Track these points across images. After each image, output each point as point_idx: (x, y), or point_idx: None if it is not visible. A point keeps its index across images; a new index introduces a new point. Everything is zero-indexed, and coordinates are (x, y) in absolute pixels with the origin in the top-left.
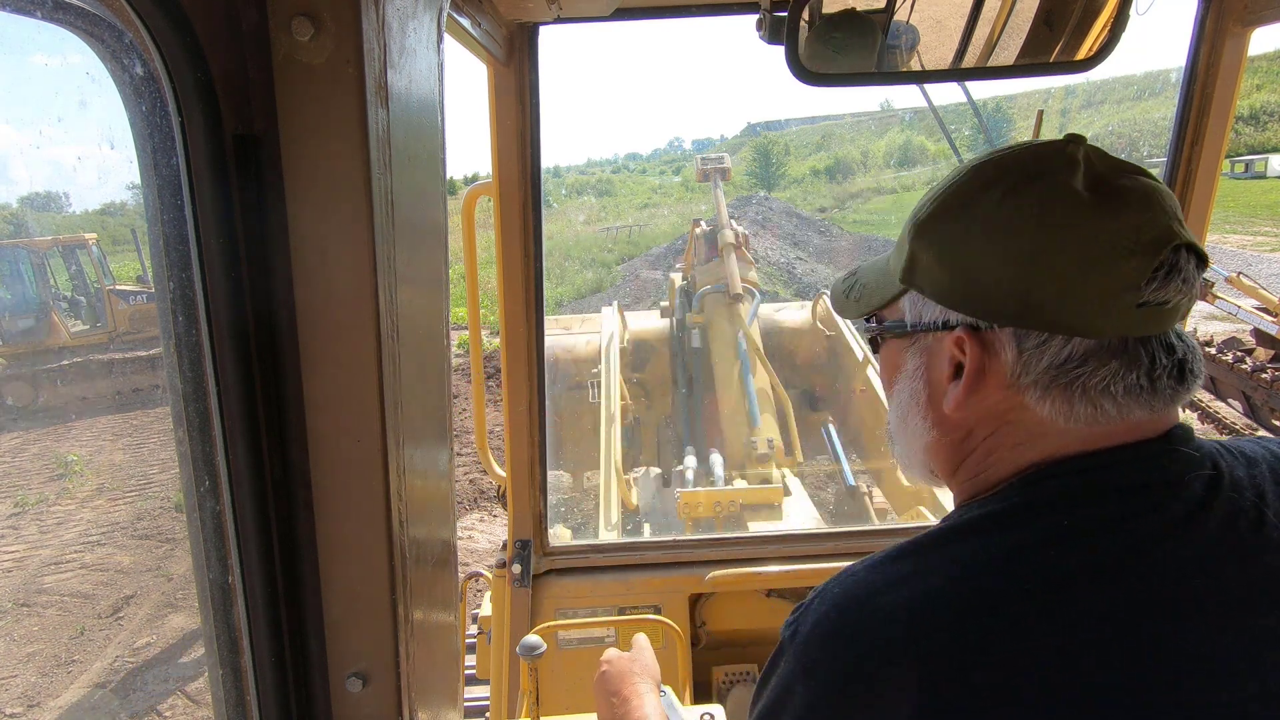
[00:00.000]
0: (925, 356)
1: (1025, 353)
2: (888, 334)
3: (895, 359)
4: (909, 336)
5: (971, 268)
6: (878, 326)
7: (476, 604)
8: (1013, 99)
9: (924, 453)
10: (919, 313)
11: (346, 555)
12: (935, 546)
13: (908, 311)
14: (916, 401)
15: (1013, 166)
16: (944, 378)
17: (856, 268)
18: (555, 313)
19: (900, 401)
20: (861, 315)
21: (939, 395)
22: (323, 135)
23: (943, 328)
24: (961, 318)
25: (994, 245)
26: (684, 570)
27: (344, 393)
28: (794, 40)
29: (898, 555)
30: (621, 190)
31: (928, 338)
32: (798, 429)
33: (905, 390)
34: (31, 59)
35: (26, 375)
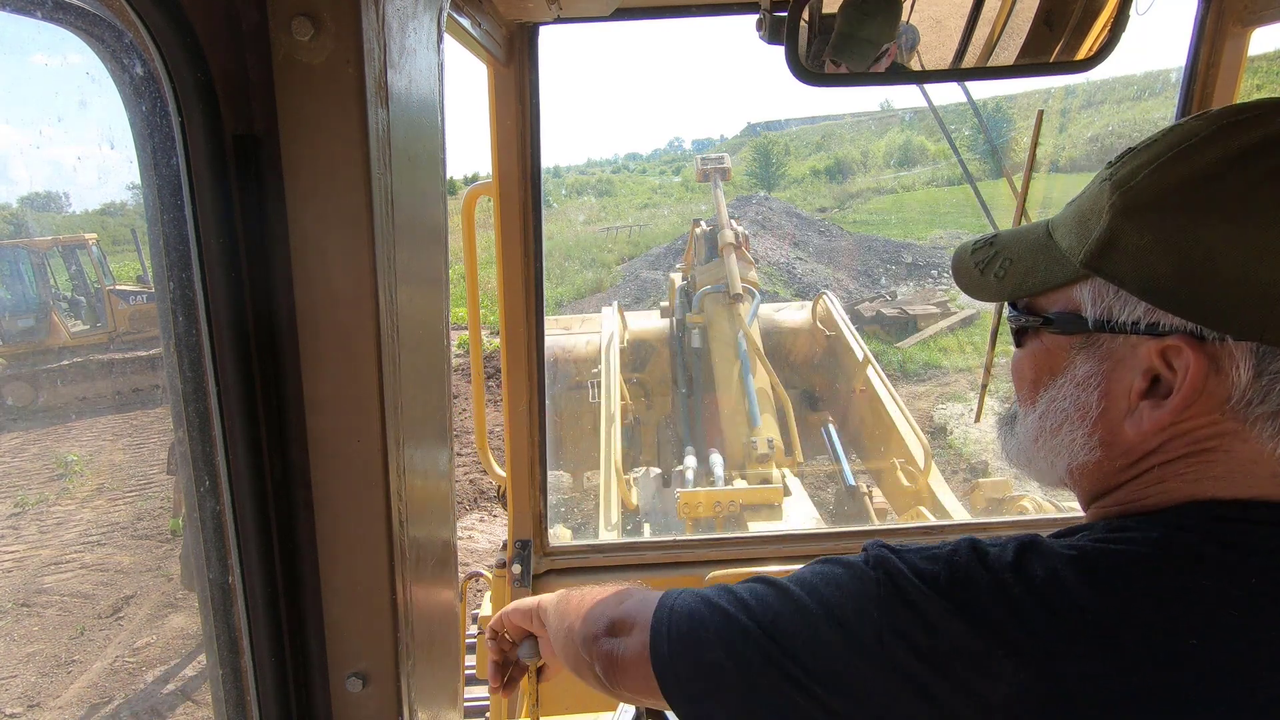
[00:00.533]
0: (1108, 363)
1: (1267, 376)
2: (1052, 329)
3: (1054, 359)
4: (1084, 335)
5: (1210, 261)
6: (1036, 319)
7: (476, 604)
8: (1013, 99)
9: (1069, 470)
10: (1108, 308)
11: (346, 555)
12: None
13: (1089, 304)
14: (1083, 415)
15: (1277, 136)
16: (1131, 392)
17: (993, 235)
18: (555, 313)
19: (1056, 410)
20: (1005, 299)
21: (1118, 412)
22: (323, 135)
23: (1146, 332)
24: (1179, 322)
25: (1251, 235)
26: (684, 570)
27: (344, 393)
28: (794, 40)
29: (1022, 547)
30: (621, 190)
31: (1116, 340)
32: (798, 429)
33: (1066, 399)
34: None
35: (26, 375)
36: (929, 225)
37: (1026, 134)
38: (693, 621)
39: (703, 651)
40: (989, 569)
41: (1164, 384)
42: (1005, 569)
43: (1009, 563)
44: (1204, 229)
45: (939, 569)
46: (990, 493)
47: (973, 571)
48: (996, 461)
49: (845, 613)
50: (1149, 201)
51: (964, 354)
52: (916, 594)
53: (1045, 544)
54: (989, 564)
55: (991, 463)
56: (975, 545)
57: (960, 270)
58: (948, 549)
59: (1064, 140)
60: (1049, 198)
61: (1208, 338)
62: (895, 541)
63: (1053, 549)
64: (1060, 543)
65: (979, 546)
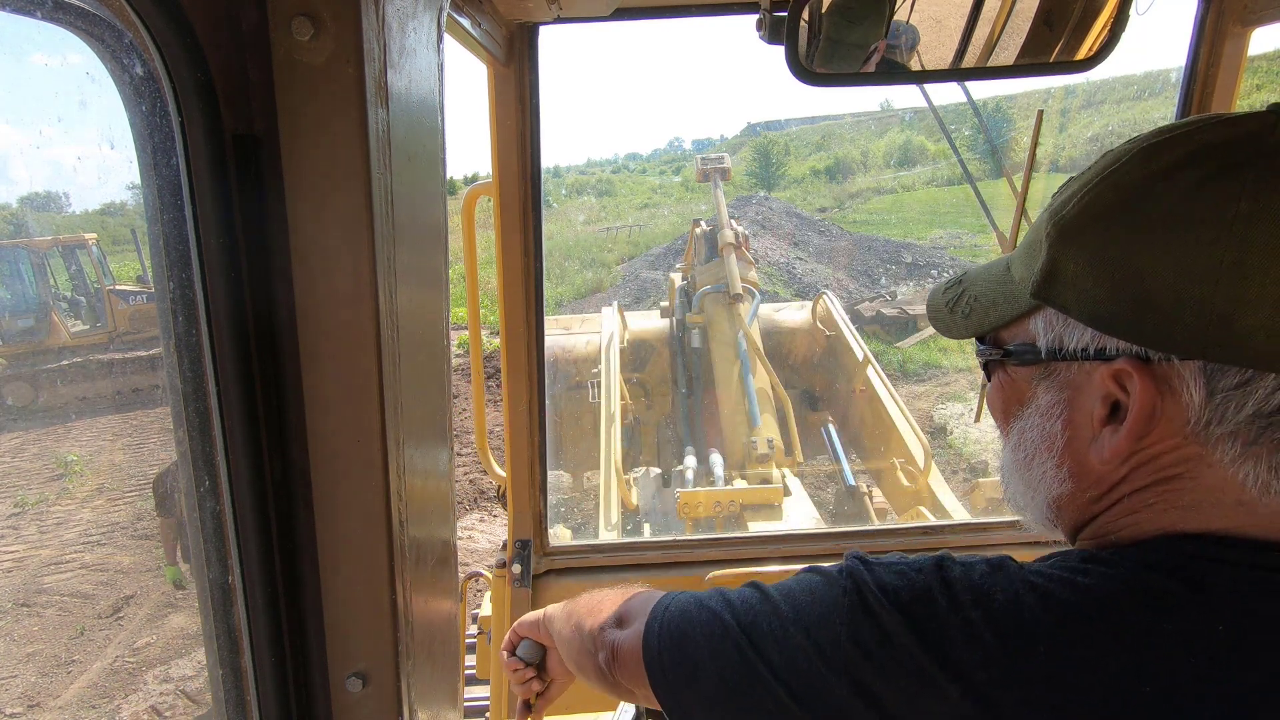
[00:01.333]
0: (1067, 392)
1: (1219, 395)
2: (1011, 361)
3: (1019, 390)
4: (1042, 365)
5: (1144, 281)
6: (997, 351)
7: (476, 604)
8: (1013, 99)
9: (1049, 504)
10: (1059, 337)
11: (346, 555)
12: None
13: (1041, 334)
14: (1050, 446)
15: (1204, 148)
16: (1093, 419)
17: (962, 274)
18: (555, 313)
19: (1026, 443)
20: (971, 335)
21: (1082, 440)
22: (323, 135)
23: (1096, 357)
24: (1125, 346)
25: (1180, 252)
26: (684, 570)
27: (344, 393)
28: (794, 40)
29: (996, 564)
30: (621, 190)
31: (1071, 368)
32: (798, 429)
33: (1034, 430)
34: (31, 59)
35: (26, 375)
36: (929, 225)
37: (1026, 134)
38: (684, 618)
39: (687, 646)
40: (949, 588)
41: (1123, 409)
42: (966, 589)
43: (972, 583)
44: (1132, 250)
45: (902, 584)
46: (990, 492)
47: (934, 589)
48: (996, 461)
49: (813, 618)
50: (1079, 226)
51: (964, 354)
52: (878, 606)
53: (1012, 567)
54: (951, 583)
55: (991, 462)
56: (941, 563)
57: (933, 312)
58: (916, 565)
59: (1064, 140)
60: (1049, 198)
61: (1153, 359)
62: (876, 554)
63: (1019, 574)
64: (1030, 567)
65: (945, 565)
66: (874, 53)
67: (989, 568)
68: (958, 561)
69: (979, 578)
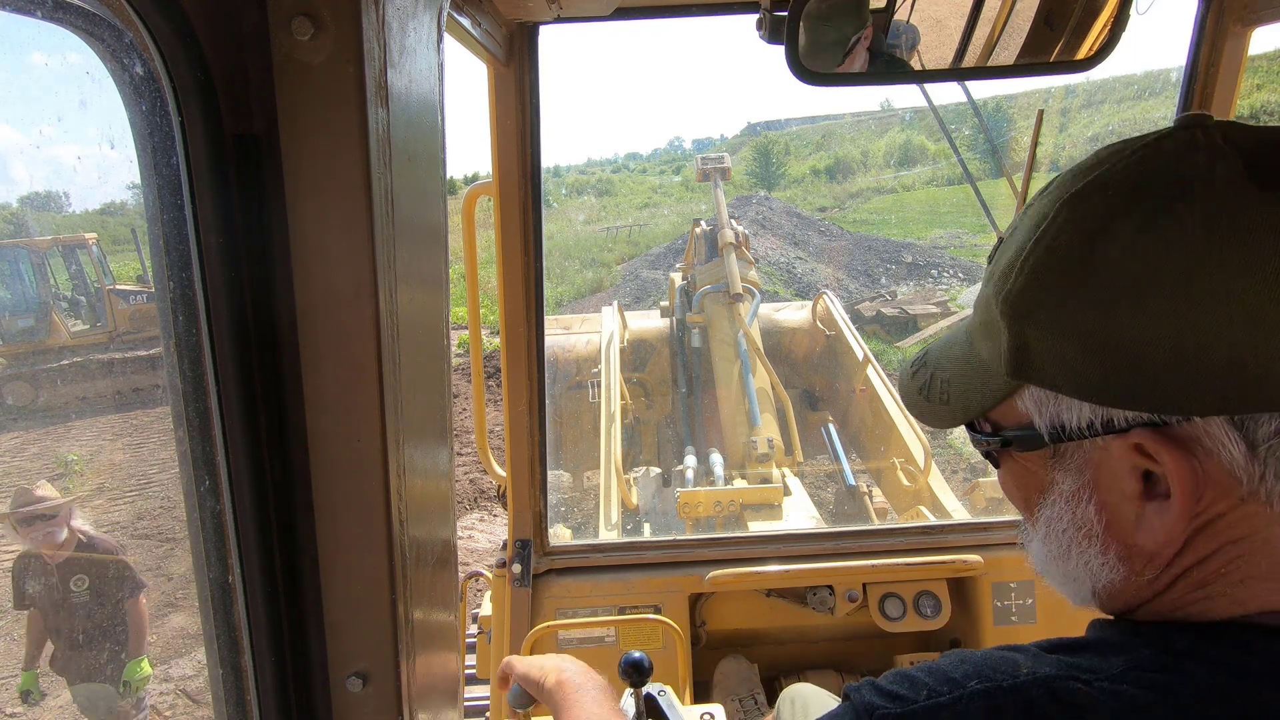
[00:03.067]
0: (1089, 472)
1: (1263, 446)
2: (1015, 449)
3: (1035, 477)
4: (1050, 448)
5: (1129, 347)
6: (994, 438)
7: (476, 604)
8: (1013, 99)
9: (1097, 593)
10: (1057, 415)
11: (346, 555)
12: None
13: (1034, 412)
14: (1088, 534)
15: (1126, 190)
16: (1128, 496)
17: (923, 354)
18: (555, 312)
19: (1057, 532)
20: (958, 424)
21: (1124, 521)
22: (323, 135)
23: (1105, 431)
24: (1134, 416)
25: (1155, 310)
26: (684, 570)
27: (344, 393)
28: (794, 40)
29: (1052, 694)
30: (621, 190)
31: (1083, 446)
32: (798, 429)
33: (1064, 518)
34: (31, 59)
35: (26, 375)
36: (929, 225)
37: (1026, 134)
38: None
39: None
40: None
41: (1158, 478)
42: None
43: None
44: (1100, 318)
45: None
46: (990, 492)
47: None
48: None
49: None
50: (1033, 302)
51: None
52: None
53: (1069, 690)
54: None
55: None
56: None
57: (908, 399)
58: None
59: (1064, 140)
60: None
61: (1170, 422)
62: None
63: (1082, 699)
64: (1092, 680)
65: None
66: (858, 44)
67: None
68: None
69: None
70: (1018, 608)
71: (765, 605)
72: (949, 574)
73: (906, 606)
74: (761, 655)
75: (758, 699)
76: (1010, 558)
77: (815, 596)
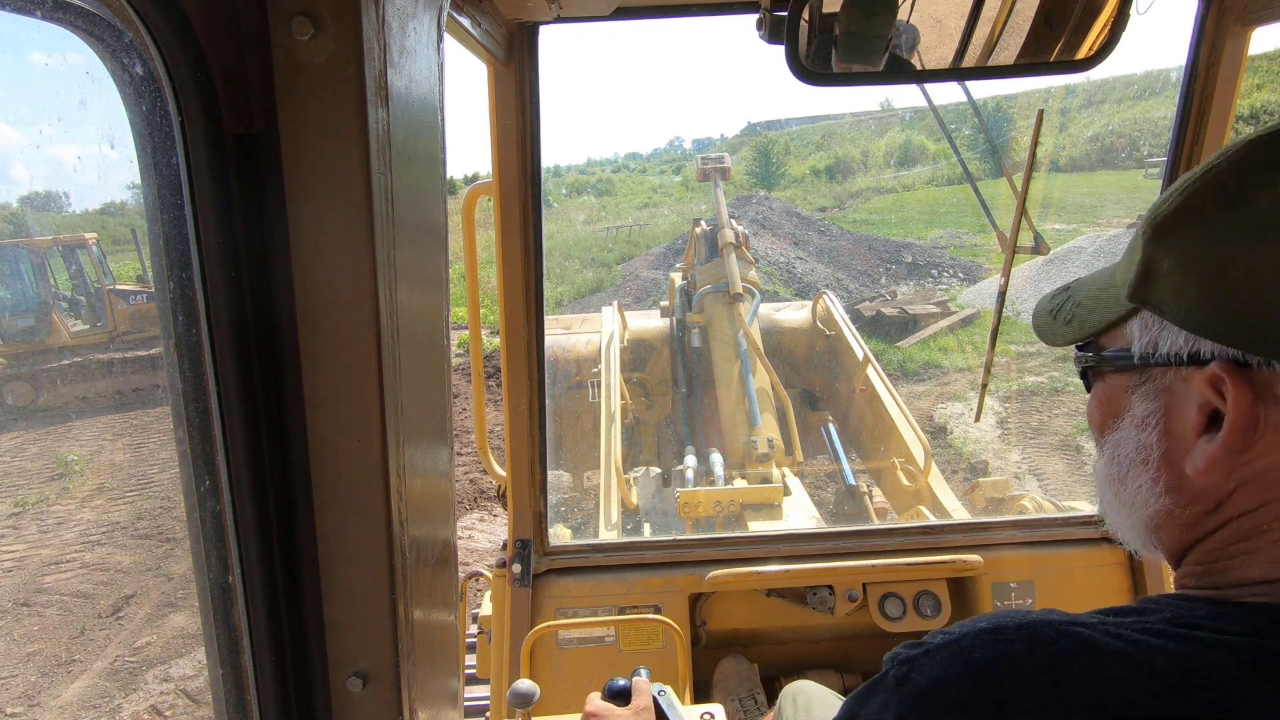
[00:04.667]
0: (1164, 399)
1: None
2: (1107, 367)
3: (1115, 400)
4: (1137, 372)
5: (1240, 281)
6: (1094, 356)
7: (476, 604)
8: (1013, 99)
9: (1146, 524)
10: (1154, 340)
11: (346, 555)
12: (1124, 659)
13: (1137, 338)
14: (1145, 458)
15: None
16: (1191, 429)
17: (1071, 282)
18: (555, 312)
19: (1120, 455)
20: (1072, 342)
21: (1180, 452)
22: (323, 135)
23: (1189, 362)
24: (1220, 349)
25: (1275, 254)
26: (684, 570)
27: (344, 393)
28: (794, 40)
29: (1072, 647)
30: (621, 190)
31: (1166, 374)
32: (798, 429)
33: (1129, 442)
34: (31, 58)
35: (26, 375)
36: (929, 225)
37: (1026, 134)
38: None
39: None
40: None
41: (1224, 420)
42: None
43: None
44: (1226, 249)
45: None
46: (990, 492)
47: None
48: (996, 461)
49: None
50: (1173, 224)
51: (964, 354)
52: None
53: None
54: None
55: (991, 462)
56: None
57: (1037, 319)
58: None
59: (1064, 140)
60: (1049, 197)
61: (1251, 363)
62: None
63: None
64: (1097, 626)
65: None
66: (889, 44)
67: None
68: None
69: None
70: (1018, 608)
71: (765, 605)
72: (949, 574)
73: (906, 606)
74: (761, 655)
75: (758, 699)
76: (1010, 558)
77: (815, 596)
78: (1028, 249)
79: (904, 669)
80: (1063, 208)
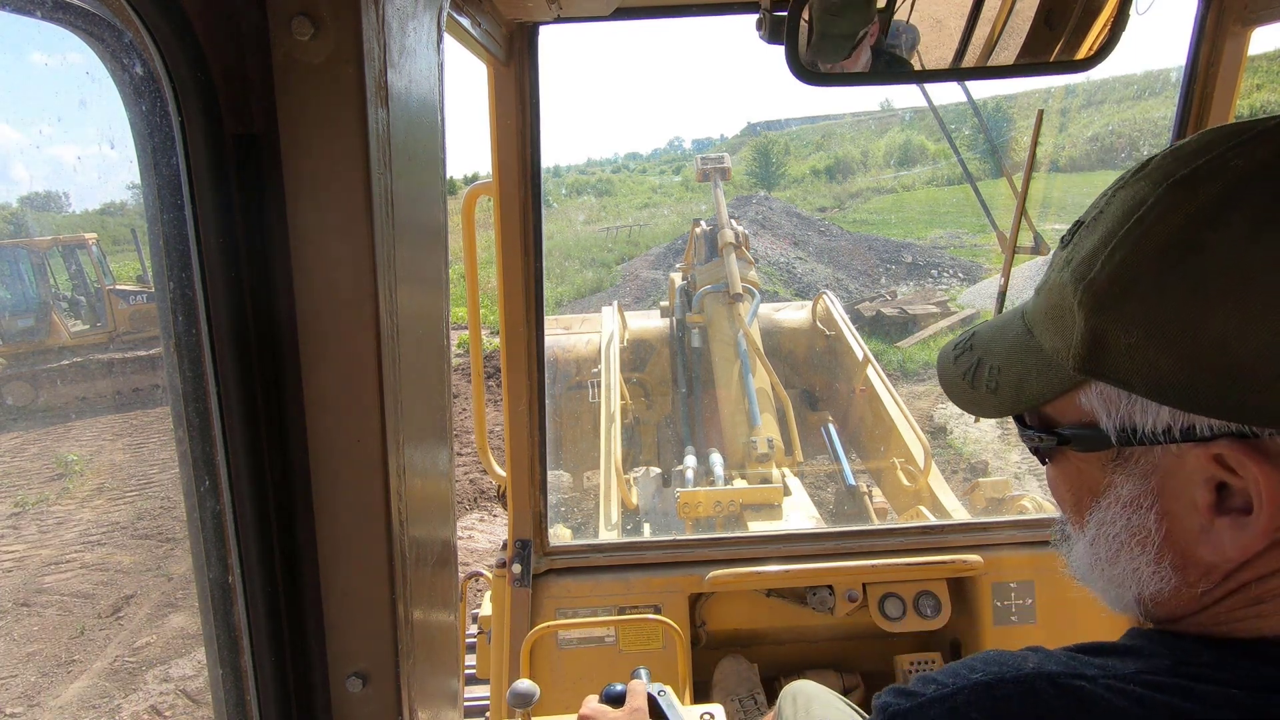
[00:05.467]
0: (1154, 479)
1: None
2: (1074, 449)
3: (1090, 479)
4: (1113, 450)
5: (1226, 349)
6: (1050, 438)
7: (476, 604)
8: (1013, 99)
9: (1141, 601)
10: (1128, 417)
11: (346, 555)
12: (1123, 716)
13: (1103, 414)
14: (1143, 542)
15: (1241, 180)
16: (1197, 507)
17: (969, 336)
18: (555, 312)
19: (1108, 536)
20: (1006, 415)
21: (1187, 532)
22: (323, 135)
23: (1184, 439)
24: (1220, 424)
25: (1262, 311)
26: (684, 570)
27: (344, 393)
28: (794, 40)
29: (1073, 707)
30: (621, 190)
31: (1153, 452)
32: (798, 429)
33: (1116, 523)
34: (31, 58)
35: (26, 375)
36: (929, 225)
37: (1026, 134)
38: None
39: None
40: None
41: (1234, 491)
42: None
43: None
44: (1199, 314)
45: None
46: (990, 492)
47: None
48: (996, 461)
49: None
50: (1121, 292)
51: None
52: None
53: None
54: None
55: (991, 462)
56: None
57: (947, 382)
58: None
59: (1064, 140)
60: (1049, 197)
61: (1262, 435)
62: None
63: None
64: (1098, 679)
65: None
66: (863, 40)
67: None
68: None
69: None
70: (1017, 608)
71: (765, 605)
72: (949, 574)
73: (906, 606)
74: (761, 655)
75: (758, 699)
76: (1010, 558)
77: (815, 596)
78: (1028, 249)
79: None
80: (1063, 208)
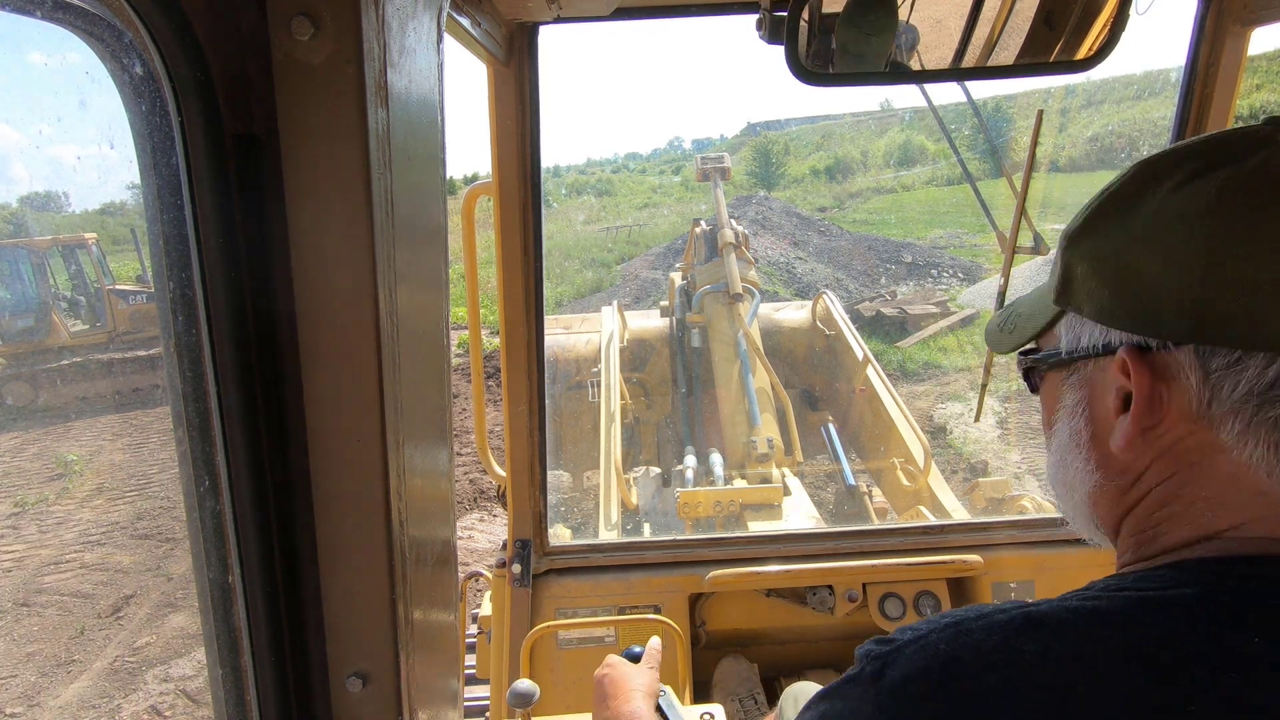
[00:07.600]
0: (1087, 388)
1: (1213, 376)
2: (1042, 365)
3: (1053, 394)
4: (1066, 366)
5: (1135, 276)
6: (1030, 358)
7: (476, 604)
8: (1013, 99)
9: (1086, 502)
10: (1077, 336)
11: (346, 555)
12: (1069, 627)
13: (1064, 337)
14: (1077, 441)
15: (1188, 155)
16: (1110, 411)
17: (1019, 298)
18: (555, 312)
19: (1059, 443)
20: (1015, 348)
21: (1104, 432)
22: (323, 135)
23: (1103, 351)
24: (1126, 337)
25: (1159, 245)
26: (684, 570)
27: (344, 393)
28: (794, 40)
29: (1023, 626)
30: (621, 190)
31: (1088, 365)
32: (798, 429)
33: (1064, 429)
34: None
35: (26, 375)
36: (929, 225)
37: (1026, 134)
38: None
39: None
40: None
41: (1133, 399)
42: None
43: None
44: (1125, 249)
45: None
46: (990, 492)
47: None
48: (996, 461)
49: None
50: (1081, 233)
51: (964, 354)
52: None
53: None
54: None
55: (991, 462)
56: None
57: (989, 334)
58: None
59: (1064, 140)
60: (1049, 197)
61: (1151, 347)
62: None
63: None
64: (1061, 601)
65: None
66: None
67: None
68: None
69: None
70: None
71: (765, 605)
72: (949, 574)
73: (906, 606)
74: (761, 655)
75: (758, 699)
76: (1010, 558)
77: (815, 596)
78: (1028, 249)
79: (878, 664)
80: (1063, 208)
